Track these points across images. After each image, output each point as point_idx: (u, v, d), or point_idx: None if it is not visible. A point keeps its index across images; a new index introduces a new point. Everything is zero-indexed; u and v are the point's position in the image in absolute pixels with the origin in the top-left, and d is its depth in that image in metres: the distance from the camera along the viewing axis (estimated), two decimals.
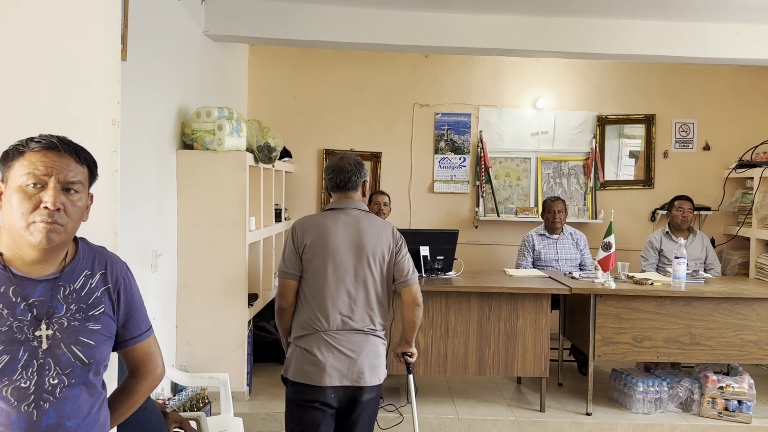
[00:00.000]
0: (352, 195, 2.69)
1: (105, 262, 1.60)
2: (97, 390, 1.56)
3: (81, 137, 1.79)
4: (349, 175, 2.64)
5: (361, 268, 2.60)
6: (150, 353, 1.70)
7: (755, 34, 4.55)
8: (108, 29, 2.02)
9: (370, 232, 2.62)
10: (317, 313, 2.56)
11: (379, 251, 2.62)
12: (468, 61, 5.92)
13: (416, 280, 2.72)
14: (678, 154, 5.96)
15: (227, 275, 3.96)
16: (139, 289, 1.70)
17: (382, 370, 2.66)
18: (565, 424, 3.90)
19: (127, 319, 1.62)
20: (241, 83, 5.70)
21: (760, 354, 3.96)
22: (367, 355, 2.59)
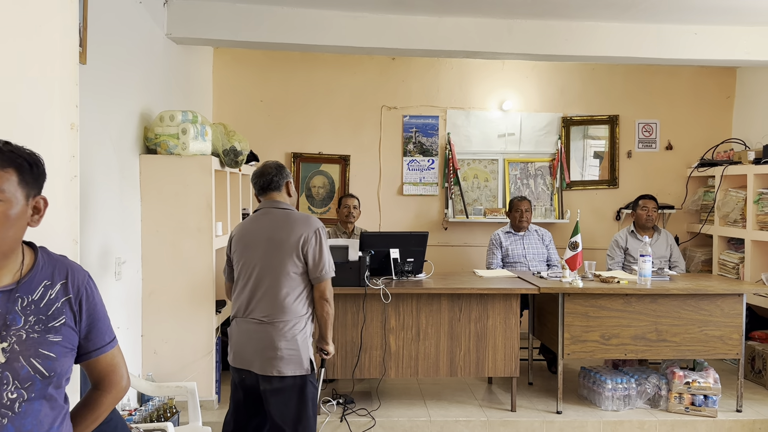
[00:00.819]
0: (275, 195, 2.95)
1: (66, 271, 1.54)
2: (59, 404, 1.50)
3: (36, 142, 1.73)
4: (270, 177, 2.92)
5: (271, 262, 2.81)
6: (114, 365, 1.65)
7: (714, 36, 4.65)
8: (65, 30, 1.96)
9: (286, 228, 2.84)
10: (235, 302, 2.93)
11: (292, 246, 2.79)
12: (435, 64, 5.94)
13: (328, 277, 2.86)
14: (641, 154, 6.07)
15: (194, 282, 3.89)
16: (102, 299, 1.64)
17: (286, 363, 2.74)
18: (536, 423, 3.92)
19: (89, 330, 1.56)
20: (206, 86, 5.62)
21: (724, 349, 4.04)
22: (260, 344, 2.76)
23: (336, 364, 3.93)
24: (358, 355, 3.92)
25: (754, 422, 3.97)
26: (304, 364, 2.77)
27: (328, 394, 4.16)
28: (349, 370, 3.93)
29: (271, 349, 2.74)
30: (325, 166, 5.92)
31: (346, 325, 3.92)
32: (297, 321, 2.79)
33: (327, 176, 5.92)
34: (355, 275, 3.84)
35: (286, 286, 2.79)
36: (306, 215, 2.94)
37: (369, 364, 3.96)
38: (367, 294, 3.87)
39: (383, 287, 3.85)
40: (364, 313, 3.92)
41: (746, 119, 5.86)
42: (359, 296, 3.90)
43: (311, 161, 5.91)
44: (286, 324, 2.77)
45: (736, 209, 5.15)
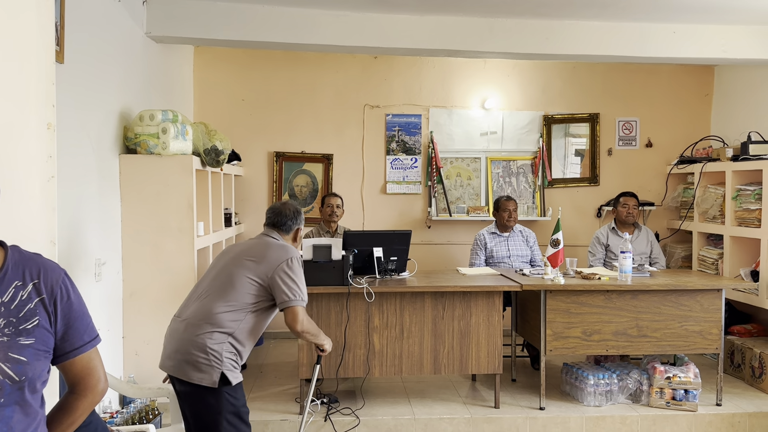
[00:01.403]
0: (279, 231, 2.99)
1: (38, 270, 1.48)
2: (33, 409, 1.45)
3: (12, 142, 1.70)
4: (285, 218, 3.00)
5: (227, 272, 2.81)
6: (91, 367, 1.59)
7: (692, 34, 4.70)
8: (40, 28, 1.94)
9: (260, 250, 2.86)
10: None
11: (259, 268, 2.78)
12: (417, 63, 5.95)
13: (295, 304, 2.80)
14: (622, 152, 6.13)
15: (175, 282, 3.86)
16: (81, 297, 1.59)
17: (192, 369, 2.65)
18: (520, 420, 3.94)
19: (66, 330, 1.51)
20: (186, 85, 5.58)
21: (704, 344, 4.09)
22: (177, 344, 2.72)
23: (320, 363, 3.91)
24: (342, 354, 3.91)
25: (734, 416, 4.02)
26: (213, 377, 2.63)
27: (312, 394, 4.14)
28: (333, 369, 3.92)
29: (182, 352, 2.67)
30: (308, 165, 5.90)
31: (330, 325, 3.91)
32: (216, 334, 2.68)
33: (310, 175, 5.91)
34: (339, 274, 3.84)
35: (228, 300, 2.73)
36: (286, 244, 2.93)
37: (353, 363, 3.96)
38: (350, 293, 3.87)
39: (367, 286, 3.85)
40: (348, 312, 3.92)
41: (724, 117, 5.93)
42: (343, 295, 3.89)
43: (294, 160, 5.89)
44: (204, 331, 2.68)
45: (715, 206, 5.21)
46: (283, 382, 4.56)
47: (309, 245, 3.82)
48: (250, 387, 4.46)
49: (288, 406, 4.06)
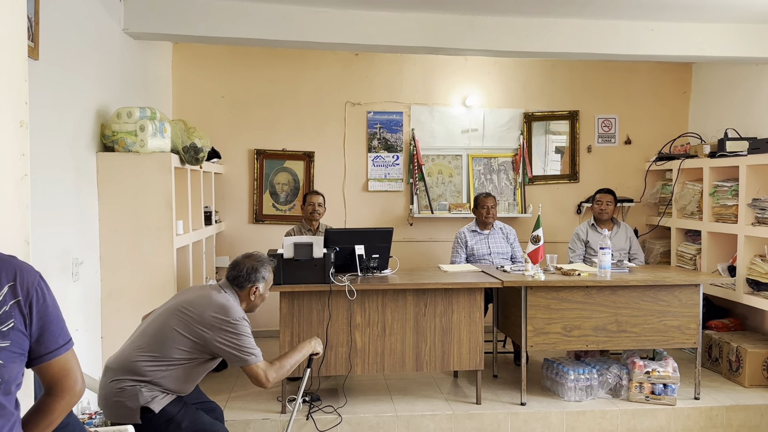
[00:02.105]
0: (232, 287, 2.89)
1: (14, 272, 1.48)
2: (8, 411, 1.45)
3: None
4: (239, 275, 2.89)
5: (158, 322, 2.76)
6: (68, 369, 1.58)
7: (670, 32, 4.75)
8: (12, 24, 1.90)
9: (200, 306, 2.75)
10: None
11: (191, 321, 2.72)
12: (398, 60, 5.94)
13: (253, 362, 2.76)
14: (601, 149, 6.18)
15: (154, 282, 3.82)
16: (55, 299, 1.59)
17: (124, 414, 2.63)
18: (501, 415, 3.97)
19: (41, 333, 1.51)
20: (165, 82, 5.52)
21: (682, 338, 4.14)
22: (102, 393, 2.72)
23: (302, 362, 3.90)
24: (324, 352, 3.90)
25: (711, 409, 4.08)
26: (134, 417, 2.63)
27: (293, 392, 4.14)
28: (315, 367, 3.91)
29: (104, 398, 2.71)
30: (289, 162, 5.87)
31: (312, 323, 3.90)
32: (131, 381, 2.65)
33: (291, 173, 5.88)
34: (320, 272, 3.83)
35: (152, 351, 2.70)
36: (228, 305, 2.77)
37: (335, 361, 3.95)
38: (332, 291, 3.86)
39: (348, 284, 3.84)
40: (330, 310, 3.91)
41: (702, 114, 6.01)
42: (324, 293, 3.88)
43: (275, 158, 5.85)
44: (119, 377, 2.68)
45: (693, 202, 5.28)
46: None
47: (290, 243, 3.81)
48: (231, 386, 4.44)
49: (269, 405, 4.04)
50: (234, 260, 2.99)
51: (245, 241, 5.81)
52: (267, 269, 2.96)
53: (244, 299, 2.91)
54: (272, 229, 5.79)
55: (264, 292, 2.98)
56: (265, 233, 5.79)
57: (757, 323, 5.07)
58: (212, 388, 4.39)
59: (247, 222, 5.85)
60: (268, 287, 3.00)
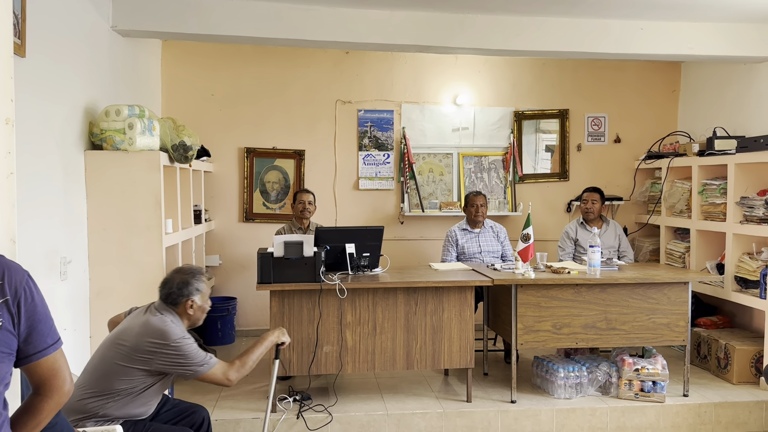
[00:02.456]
0: (167, 305, 2.79)
1: (2, 271, 1.47)
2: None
3: None
4: (169, 291, 2.80)
5: (98, 357, 2.73)
6: (56, 368, 1.58)
7: (659, 31, 4.77)
8: None
9: (133, 334, 2.69)
10: None
11: (128, 351, 2.66)
12: (388, 58, 5.94)
13: (203, 372, 2.71)
14: (591, 147, 6.20)
15: (143, 281, 3.80)
16: (43, 299, 1.58)
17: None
18: (491, 413, 3.97)
19: (29, 333, 1.50)
20: (154, 80, 5.49)
21: (671, 336, 4.16)
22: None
23: (292, 360, 3.90)
24: (315, 351, 3.90)
25: (700, 406, 4.11)
26: None
27: (284, 392, 4.13)
28: (305, 366, 3.90)
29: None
30: (280, 161, 5.85)
31: (302, 322, 3.89)
32: (78, 422, 2.56)
33: (281, 171, 5.86)
34: (311, 271, 3.82)
35: (96, 387, 2.63)
36: (163, 328, 2.67)
37: (325, 360, 3.94)
38: (322, 289, 3.85)
39: (339, 282, 3.83)
40: (320, 309, 3.90)
41: (691, 112, 6.04)
42: (315, 292, 3.87)
43: (265, 156, 5.83)
44: (96, 400, 2.62)
45: (682, 200, 5.31)
46: (255, 380, 4.51)
47: (280, 242, 3.79)
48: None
49: (260, 404, 4.02)
50: (164, 278, 2.88)
51: (235, 240, 5.79)
52: (199, 280, 2.84)
53: (183, 315, 2.80)
54: (262, 228, 5.77)
55: (203, 304, 2.85)
56: (255, 232, 5.77)
57: (746, 321, 5.11)
58: (202, 387, 4.37)
59: (237, 221, 5.83)
60: (206, 298, 2.87)
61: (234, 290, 5.82)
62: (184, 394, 4.21)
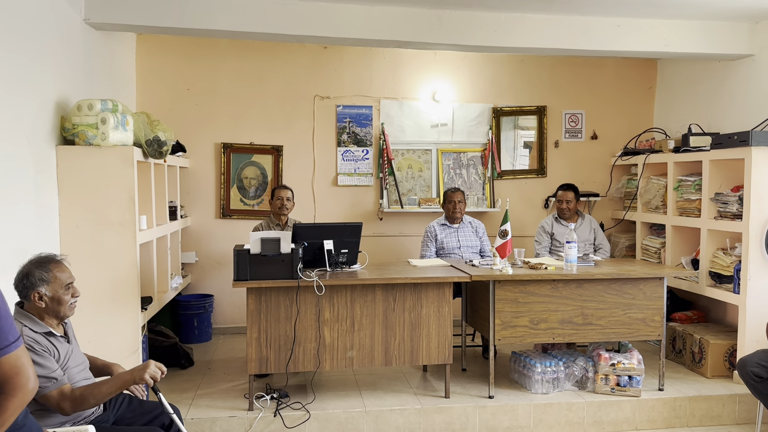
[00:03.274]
0: (22, 307, 2.60)
1: None
2: None
3: None
4: (16, 290, 2.59)
5: None
6: (19, 366, 1.55)
7: (636, 28, 4.81)
8: None
9: None
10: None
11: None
12: (367, 53, 5.91)
13: (44, 393, 2.46)
14: (568, 144, 6.24)
15: (117, 278, 3.74)
16: (3, 297, 1.54)
17: None
18: (469, 408, 3.98)
19: None
20: (129, 74, 5.40)
21: (647, 330, 4.20)
22: None
23: (269, 358, 3.87)
24: (292, 348, 3.87)
25: (675, 400, 4.15)
26: None
27: (261, 389, 4.10)
28: (282, 364, 3.87)
29: None
30: (257, 156, 5.80)
31: (279, 319, 3.86)
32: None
33: (259, 167, 5.81)
34: (288, 268, 3.79)
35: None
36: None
37: (303, 357, 3.92)
38: (300, 286, 3.82)
39: (317, 279, 3.81)
40: (298, 306, 3.87)
41: (667, 109, 6.10)
42: (292, 289, 3.84)
43: (242, 152, 5.77)
44: None
45: (658, 196, 5.36)
46: (232, 378, 4.48)
47: (257, 238, 3.76)
48: (197, 383, 4.38)
49: (237, 403, 3.99)
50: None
51: (212, 237, 5.74)
52: (42, 268, 2.57)
53: (37, 312, 2.59)
54: (240, 224, 5.72)
55: (55, 293, 2.58)
56: (233, 228, 5.72)
57: (720, 315, 5.18)
58: (179, 386, 4.33)
59: (214, 217, 5.77)
60: (59, 285, 2.59)
61: (211, 287, 5.76)
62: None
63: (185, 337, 5.40)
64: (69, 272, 2.69)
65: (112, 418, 2.82)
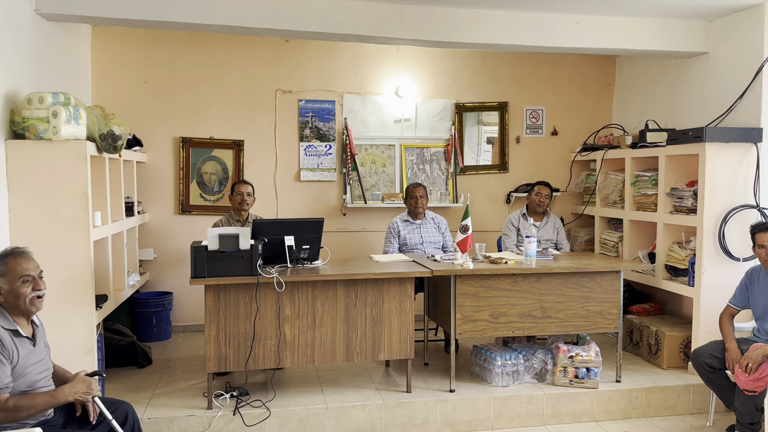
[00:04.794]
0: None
1: None
2: None
3: None
4: None
5: None
6: None
7: (594, 25, 4.87)
8: None
9: None
10: None
11: None
12: (330, 47, 5.86)
13: None
14: (529, 140, 6.30)
15: (70, 276, 3.64)
16: None
17: None
18: (430, 403, 3.99)
19: None
20: (84, 67, 5.25)
21: (604, 323, 4.27)
22: None
23: (229, 356, 3.81)
24: (251, 346, 3.82)
25: (632, 391, 4.23)
26: None
27: (221, 388, 4.04)
28: (242, 361, 3.82)
29: None
30: (218, 151, 5.71)
31: (239, 316, 3.81)
32: None
33: (219, 162, 5.72)
34: (247, 264, 3.74)
35: None
36: None
37: (263, 355, 3.87)
38: (260, 283, 3.77)
39: (277, 275, 3.77)
40: (258, 303, 3.83)
41: (625, 106, 6.21)
42: (252, 286, 3.79)
43: (202, 146, 5.68)
44: None
45: (615, 191, 5.45)
46: (191, 377, 4.41)
47: (214, 235, 3.70)
48: (155, 383, 4.30)
49: (195, 401, 3.93)
50: None
51: (171, 233, 5.63)
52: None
53: (4, 307, 2.61)
54: (200, 220, 5.62)
55: (11, 286, 2.60)
56: (193, 224, 5.62)
57: (676, 307, 5.30)
58: (136, 385, 4.25)
59: (173, 213, 5.66)
60: (14, 278, 2.60)
61: (170, 285, 5.66)
62: (116, 392, 4.09)
63: (144, 336, 5.30)
64: (28, 265, 2.67)
65: (61, 420, 2.74)
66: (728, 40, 4.79)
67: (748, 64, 4.55)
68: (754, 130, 4.36)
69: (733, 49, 4.73)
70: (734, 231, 4.33)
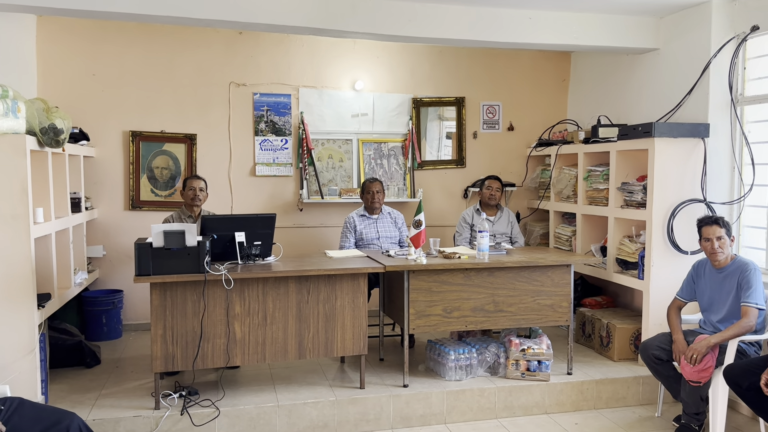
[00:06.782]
0: None
1: None
2: None
3: None
4: None
5: None
6: None
7: (547, 21, 4.89)
8: None
9: None
10: None
11: None
12: (284, 40, 5.78)
13: None
14: (486, 135, 6.32)
15: (9, 275, 3.51)
16: None
17: None
18: (384, 398, 3.98)
19: None
20: (28, 59, 5.08)
21: (555, 316, 4.32)
22: None
23: (176, 355, 3.73)
24: (199, 344, 3.75)
25: (583, 383, 4.29)
26: None
27: (169, 387, 3.96)
28: (190, 360, 3.75)
29: None
30: (169, 145, 5.58)
31: (186, 315, 3.73)
32: None
33: (171, 156, 5.60)
34: (194, 261, 3.65)
35: None
36: None
37: (212, 354, 3.80)
38: (207, 281, 3.70)
39: (225, 272, 3.69)
40: (205, 301, 3.75)
41: (579, 101, 6.27)
42: (199, 283, 3.72)
43: (153, 140, 5.54)
44: None
45: (569, 186, 5.51)
46: (140, 377, 4.31)
47: (159, 231, 3.60)
48: (102, 383, 4.19)
49: (143, 402, 3.84)
50: None
51: (121, 229, 5.49)
52: None
53: None
54: (150, 216, 5.49)
55: None
56: (143, 220, 5.48)
57: (627, 300, 5.39)
58: (83, 385, 4.14)
59: (123, 208, 5.52)
60: None
61: (120, 282, 5.52)
62: (61, 393, 3.97)
63: (93, 335, 5.17)
64: None
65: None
66: (677, 37, 4.87)
67: (696, 60, 4.63)
68: (701, 126, 4.44)
69: (682, 46, 4.82)
70: (682, 225, 4.41)
